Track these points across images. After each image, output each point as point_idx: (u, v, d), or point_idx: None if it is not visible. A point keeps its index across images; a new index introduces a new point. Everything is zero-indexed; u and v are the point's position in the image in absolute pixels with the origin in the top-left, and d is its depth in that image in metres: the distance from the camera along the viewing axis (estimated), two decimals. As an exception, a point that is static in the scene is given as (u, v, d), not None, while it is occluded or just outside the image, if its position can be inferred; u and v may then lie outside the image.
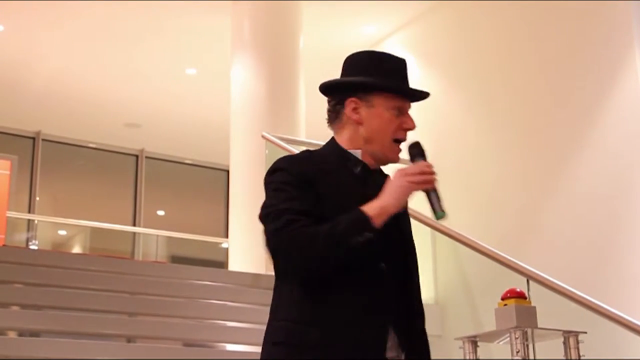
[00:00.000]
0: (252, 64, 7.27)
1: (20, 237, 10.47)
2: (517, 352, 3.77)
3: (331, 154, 2.10)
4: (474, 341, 4.07)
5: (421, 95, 2.16)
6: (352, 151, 2.09)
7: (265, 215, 1.96)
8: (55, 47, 8.77)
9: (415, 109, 2.16)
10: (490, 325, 3.99)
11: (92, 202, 11.59)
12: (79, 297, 4.76)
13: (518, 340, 3.78)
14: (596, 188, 5.97)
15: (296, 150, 6.40)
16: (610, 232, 5.79)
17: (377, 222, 1.89)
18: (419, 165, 2.00)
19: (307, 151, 2.15)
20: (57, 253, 7.38)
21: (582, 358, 3.92)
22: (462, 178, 7.09)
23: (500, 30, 7.04)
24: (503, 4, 7.01)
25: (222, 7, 7.71)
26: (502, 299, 3.93)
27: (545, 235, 6.23)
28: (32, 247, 9.88)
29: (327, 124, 2.16)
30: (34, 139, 11.05)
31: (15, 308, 4.68)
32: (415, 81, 2.21)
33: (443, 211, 1.98)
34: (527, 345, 3.82)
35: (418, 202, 2.22)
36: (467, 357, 4.06)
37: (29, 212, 10.71)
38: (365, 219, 1.89)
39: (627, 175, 5.78)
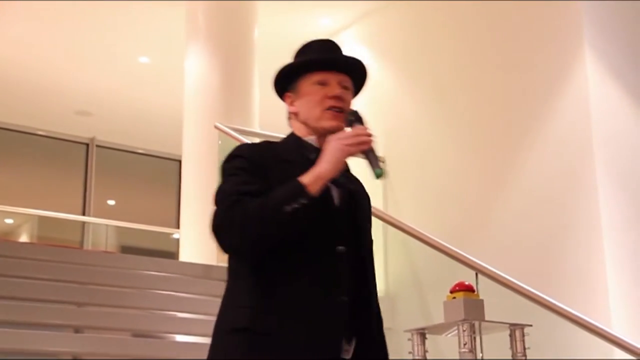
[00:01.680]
0: (206, 53, 7.22)
1: (-35, 225, 10.27)
2: (465, 344, 3.83)
3: (289, 143, 2.16)
4: (422, 333, 4.12)
5: (344, 62, 2.17)
6: (307, 139, 2.14)
7: (216, 200, 2.00)
8: (2, 33, 8.60)
9: (368, 103, 2.21)
10: (439, 318, 4.04)
11: (41, 190, 11.40)
12: (26, 286, 4.68)
13: (465, 333, 3.84)
14: (545, 184, 6.08)
15: (248, 140, 6.38)
16: (557, 227, 5.90)
17: (313, 188, 1.92)
18: (354, 129, 2.04)
19: (267, 141, 2.20)
20: (4, 242, 7.25)
21: (527, 350, 3.99)
22: (414, 172, 7.16)
23: (455, 26, 7.11)
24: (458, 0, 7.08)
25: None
26: (451, 292, 3.98)
27: (494, 230, 6.33)
28: (-23, 235, 9.68)
29: None
30: (-20, 125, 10.83)
31: (-40, 297, 4.59)
32: (369, 75, 2.24)
33: (381, 169, 1.98)
34: (475, 338, 3.88)
35: (372, 195, 2.25)
36: (416, 350, 4.10)
37: (-25, 199, 10.50)
38: (299, 186, 1.91)
39: (575, 172, 5.89)
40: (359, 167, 2.21)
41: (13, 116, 10.70)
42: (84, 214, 11.32)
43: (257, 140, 6.73)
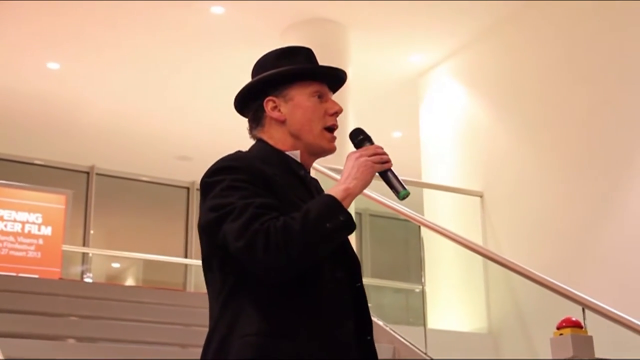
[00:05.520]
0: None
1: (75, 270, 10.65)
2: (574, 383, 3.70)
3: (271, 156, 1.94)
4: (529, 372, 4.00)
5: (336, 74, 2.06)
6: (289, 153, 1.96)
7: (224, 215, 1.76)
8: (107, 83, 8.97)
9: (464, 138, 2.17)
10: (545, 355, 3.92)
11: (145, 234, 11.75)
12: (133, 329, 4.81)
13: (575, 371, 3.71)
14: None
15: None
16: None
17: (346, 205, 1.77)
18: (372, 147, 1.89)
19: (243, 152, 1.99)
20: (111, 286, 7.48)
21: (641, 389, 3.82)
22: (513, 205, 7.02)
23: (547, 58, 6.99)
24: (549, 32, 6.97)
25: (270, 39, 7.80)
26: (558, 328, 3.86)
27: (600, 262, 6.12)
28: (86, 280, 10.03)
29: (249, 136, 2.07)
30: (88, 173, 11.29)
31: (71, 341, 4.75)
32: (462, 110, 2.21)
33: (405, 189, 1.87)
34: (584, 376, 3.75)
35: (471, 231, 2.22)
36: (523, 388, 3.99)
37: (84, 245, 10.91)
38: (335, 202, 1.76)
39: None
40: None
41: (117, 163, 11.12)
42: (186, 257, 11.58)
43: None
